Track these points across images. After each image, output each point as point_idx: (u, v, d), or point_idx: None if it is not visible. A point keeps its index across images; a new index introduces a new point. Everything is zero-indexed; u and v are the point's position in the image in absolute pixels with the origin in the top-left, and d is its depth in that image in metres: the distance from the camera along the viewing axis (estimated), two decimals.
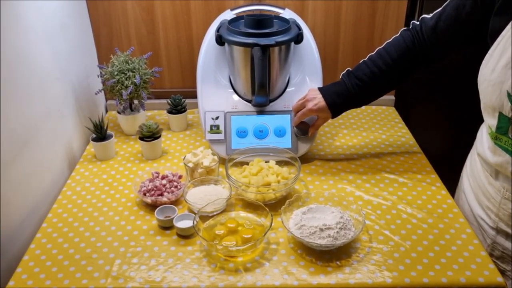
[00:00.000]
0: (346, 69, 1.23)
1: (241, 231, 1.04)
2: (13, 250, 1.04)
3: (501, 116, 0.95)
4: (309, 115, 1.25)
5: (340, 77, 1.23)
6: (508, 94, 0.90)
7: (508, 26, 0.91)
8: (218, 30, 1.30)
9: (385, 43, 1.20)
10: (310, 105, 1.23)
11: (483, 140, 1.08)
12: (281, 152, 1.27)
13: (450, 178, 1.30)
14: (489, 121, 1.00)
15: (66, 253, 1.01)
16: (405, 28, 1.19)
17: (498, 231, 1.06)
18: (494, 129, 0.98)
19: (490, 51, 0.95)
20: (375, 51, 1.20)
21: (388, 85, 1.23)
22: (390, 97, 1.67)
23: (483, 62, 0.97)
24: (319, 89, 1.24)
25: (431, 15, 1.13)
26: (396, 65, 1.17)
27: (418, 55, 1.16)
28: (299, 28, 1.30)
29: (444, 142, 1.83)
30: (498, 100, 0.93)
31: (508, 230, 1.03)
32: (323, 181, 1.25)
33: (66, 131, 1.34)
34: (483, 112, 1.02)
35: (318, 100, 1.22)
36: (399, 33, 1.19)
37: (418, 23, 1.16)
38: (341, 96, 1.21)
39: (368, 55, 1.21)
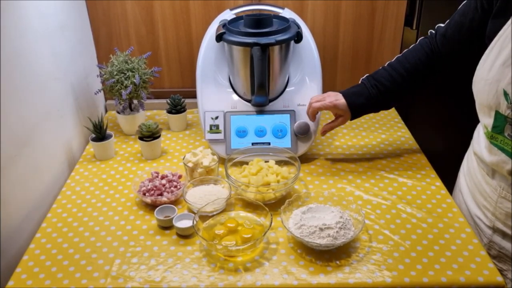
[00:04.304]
0: (366, 75, 1.24)
1: (240, 230, 1.04)
2: (12, 250, 1.04)
3: (497, 115, 0.95)
4: (326, 108, 1.23)
5: (360, 81, 1.25)
6: (505, 92, 0.91)
7: (505, 26, 0.92)
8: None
9: (405, 51, 1.22)
10: (329, 99, 1.23)
11: (480, 139, 1.08)
12: (280, 152, 1.27)
13: (449, 178, 1.30)
14: (485, 121, 1.01)
15: (65, 253, 1.01)
16: (424, 36, 1.22)
17: (495, 230, 1.06)
18: (490, 128, 0.99)
19: (487, 51, 0.97)
20: (394, 58, 1.23)
21: (407, 90, 1.23)
22: None
23: (480, 62, 0.98)
24: (339, 91, 1.25)
25: (445, 23, 1.16)
26: (414, 70, 1.19)
27: (435, 61, 1.18)
28: (299, 27, 1.30)
29: (444, 141, 1.83)
30: (494, 98, 0.94)
31: (505, 229, 1.04)
32: (322, 180, 1.25)
33: (65, 131, 1.34)
34: (479, 112, 1.03)
35: (339, 98, 1.22)
36: (417, 41, 1.22)
37: (434, 31, 1.19)
38: (361, 97, 1.22)
39: (387, 62, 1.23)
